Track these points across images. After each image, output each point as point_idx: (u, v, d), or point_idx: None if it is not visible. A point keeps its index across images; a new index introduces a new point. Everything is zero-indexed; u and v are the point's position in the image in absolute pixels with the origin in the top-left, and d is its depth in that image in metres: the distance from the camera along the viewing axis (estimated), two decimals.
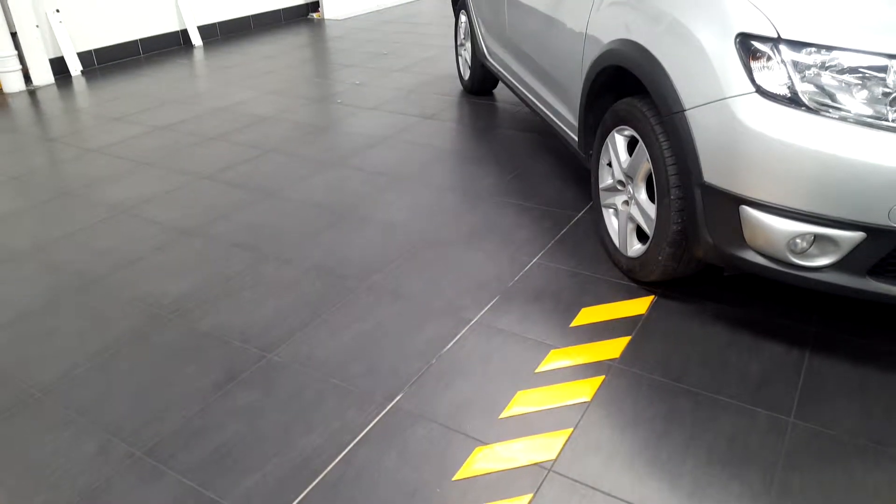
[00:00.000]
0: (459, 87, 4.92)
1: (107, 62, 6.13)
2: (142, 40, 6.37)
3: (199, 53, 6.43)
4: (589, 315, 2.23)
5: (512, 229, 2.82)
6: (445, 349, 2.09)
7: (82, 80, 5.63)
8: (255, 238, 2.85)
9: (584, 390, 1.89)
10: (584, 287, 2.39)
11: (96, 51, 6.02)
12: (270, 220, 3.01)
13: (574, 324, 2.19)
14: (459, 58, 4.90)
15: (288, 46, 6.57)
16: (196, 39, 6.76)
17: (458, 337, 2.15)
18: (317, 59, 6.08)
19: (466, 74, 4.73)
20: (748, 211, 1.78)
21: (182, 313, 2.35)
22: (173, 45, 6.67)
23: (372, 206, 3.11)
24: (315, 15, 7.97)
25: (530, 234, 2.78)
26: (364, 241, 2.78)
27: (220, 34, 7.10)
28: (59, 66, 5.70)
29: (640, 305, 2.26)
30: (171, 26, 6.60)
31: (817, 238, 1.72)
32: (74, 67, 5.79)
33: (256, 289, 2.48)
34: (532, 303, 2.31)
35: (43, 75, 5.54)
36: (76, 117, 4.68)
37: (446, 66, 5.44)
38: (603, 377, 1.94)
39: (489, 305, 2.31)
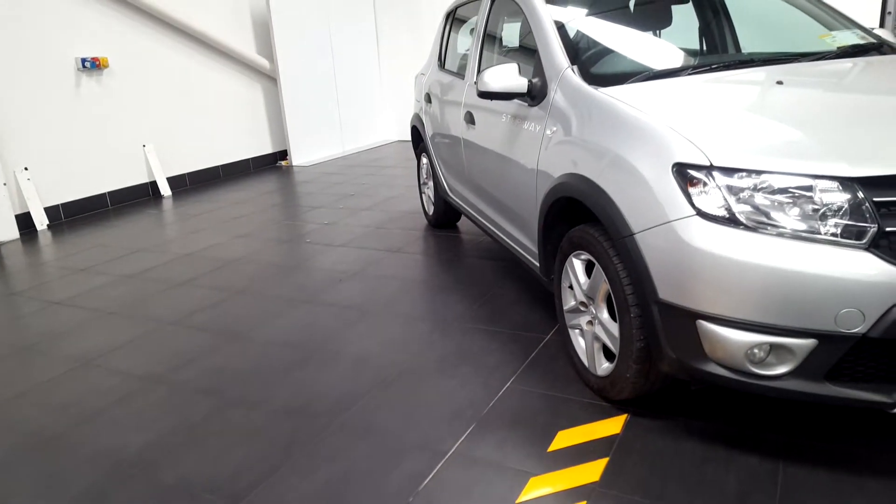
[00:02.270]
0: (424, 222, 5.11)
1: (74, 215, 6.24)
2: (110, 193, 6.54)
3: (167, 203, 6.60)
4: (566, 438, 2.21)
5: (483, 355, 2.84)
6: (422, 486, 2.03)
7: (48, 234, 5.69)
8: (221, 382, 2.81)
9: None
10: (559, 409, 2.38)
11: (63, 205, 6.14)
12: (237, 363, 2.98)
13: (551, 448, 2.16)
14: (423, 195, 5.13)
15: (256, 193, 6.80)
16: (165, 190, 6.96)
17: (434, 471, 2.10)
18: (285, 203, 6.29)
19: (430, 210, 4.94)
20: (705, 325, 1.85)
21: (145, 466, 2.25)
22: (142, 196, 6.85)
23: (342, 341, 3.12)
24: (283, 163, 8.33)
25: (501, 358, 2.80)
26: (334, 378, 2.76)
27: (190, 184, 7.33)
28: (25, 221, 5.79)
29: (614, 425, 2.26)
30: (140, 178, 6.82)
31: (773, 347, 1.78)
32: (41, 222, 5.87)
33: (223, 435, 2.41)
34: (508, 429, 2.29)
35: (8, 231, 5.60)
36: (40, 270, 4.68)
37: (411, 204, 5.68)
38: (584, 503, 1.89)
39: (465, 435, 2.27)
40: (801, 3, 3.11)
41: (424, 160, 4.93)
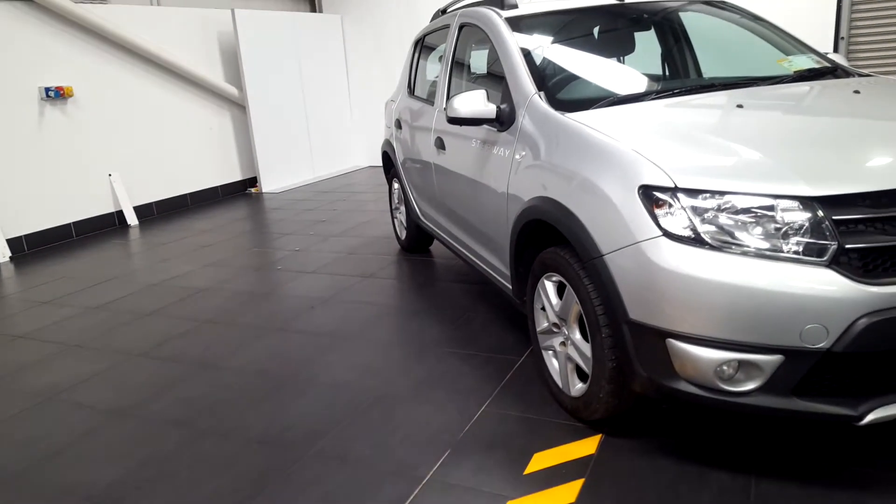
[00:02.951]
0: (397, 246, 5.12)
1: (38, 246, 6.10)
2: (75, 223, 6.42)
3: (134, 233, 6.50)
4: (541, 460, 2.21)
5: (458, 379, 2.84)
6: None
7: (11, 267, 5.55)
8: (192, 413, 2.76)
9: None
10: (534, 431, 2.39)
11: (27, 236, 6.00)
12: (208, 393, 2.93)
13: (528, 471, 2.16)
14: (395, 220, 5.14)
15: (226, 220, 6.74)
16: (132, 219, 6.86)
17: (411, 498, 2.08)
18: (255, 231, 6.25)
19: (403, 235, 4.95)
20: (674, 343, 1.88)
21: (114, 502, 2.19)
22: (108, 226, 6.74)
23: (315, 368, 3.09)
24: (253, 190, 8.29)
25: (476, 382, 2.80)
26: (308, 406, 2.73)
27: (157, 213, 7.24)
28: None
29: (589, 445, 2.27)
30: (106, 208, 6.71)
31: (741, 364, 1.82)
32: (3, 253, 5.73)
33: (194, 468, 2.35)
34: (484, 453, 2.28)
35: None
36: (2, 303, 4.56)
37: (383, 229, 5.68)
38: None
39: (441, 460, 2.26)
40: (759, 29, 3.23)
41: (396, 185, 4.95)
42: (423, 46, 4.49)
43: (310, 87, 8.69)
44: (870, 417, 1.77)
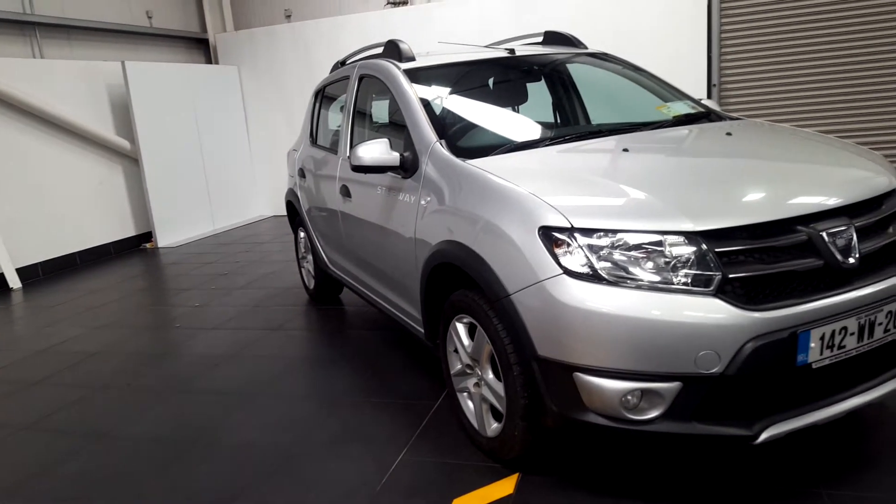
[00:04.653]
0: (305, 297, 5.02)
1: None
2: None
3: (17, 297, 6.02)
4: None
5: (373, 429, 2.79)
6: None
7: None
8: (85, 489, 2.54)
9: None
10: (452, 476, 2.37)
11: None
12: (102, 467, 2.72)
13: None
14: (302, 269, 5.05)
15: (119, 278, 6.38)
16: (14, 282, 6.36)
17: None
18: (152, 288, 5.94)
19: (311, 284, 4.86)
20: (581, 377, 1.95)
21: None
22: None
23: (220, 430, 2.94)
24: (148, 245, 7.91)
25: (392, 430, 2.76)
26: (214, 471, 2.59)
27: (43, 274, 6.75)
28: None
29: (507, 485, 2.28)
30: None
31: (644, 392, 1.90)
32: None
33: None
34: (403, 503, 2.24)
35: None
36: None
37: (290, 279, 5.56)
38: None
39: None
40: (639, 79, 3.48)
41: (302, 234, 4.88)
42: (324, 96, 4.52)
43: (207, 138, 8.49)
44: (764, 436, 1.89)
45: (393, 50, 3.39)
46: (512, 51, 3.44)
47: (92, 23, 7.43)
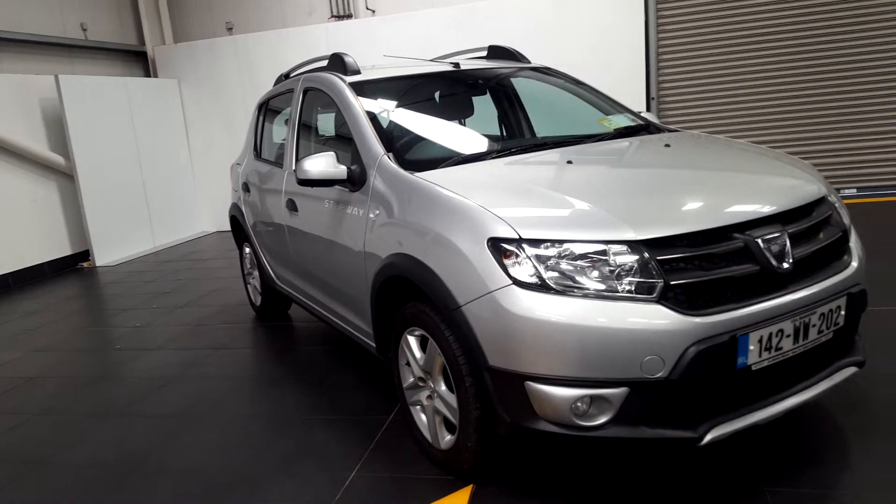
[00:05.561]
0: (252, 313, 4.91)
1: None
2: None
3: None
4: None
5: (325, 446, 2.75)
6: None
7: None
8: None
9: None
10: (407, 490, 2.36)
11: None
12: (41, 495, 2.59)
13: None
14: (248, 286, 4.95)
15: (56, 299, 6.11)
16: None
17: None
18: (90, 308, 5.72)
19: (258, 300, 4.77)
20: (532, 385, 1.97)
21: None
22: None
23: (165, 454, 2.84)
24: (85, 264, 7.60)
25: (345, 447, 2.72)
26: (159, 498, 2.50)
27: None
28: None
29: (461, 497, 2.28)
30: None
31: (593, 399, 1.94)
32: None
33: None
34: None
35: None
36: None
37: (236, 296, 5.43)
38: None
39: None
40: (581, 92, 3.57)
41: (247, 249, 4.79)
42: (268, 109, 4.46)
43: (147, 153, 8.26)
44: (709, 437, 1.94)
45: (338, 63, 3.38)
46: (457, 65, 3.48)
47: (23, 35, 7.15)
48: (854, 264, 2.28)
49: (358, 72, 3.30)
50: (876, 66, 6.84)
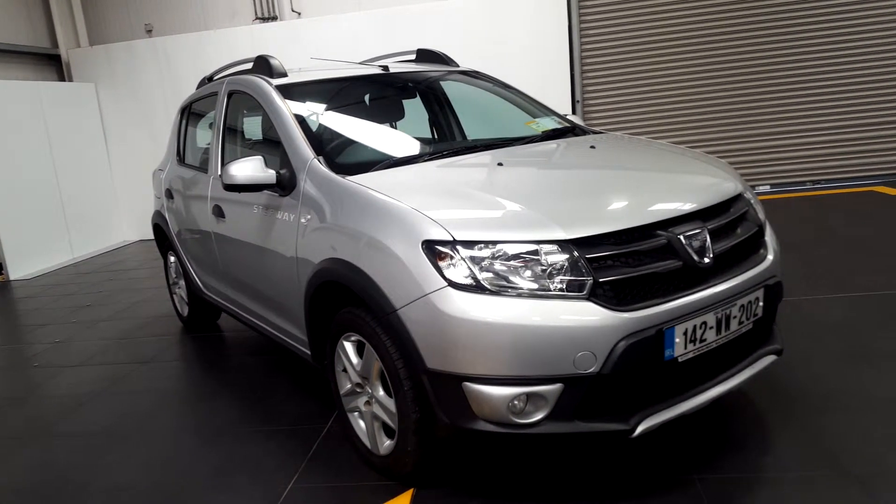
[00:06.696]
0: (179, 324, 4.74)
1: None
2: None
3: None
4: None
5: (260, 458, 2.68)
6: None
7: None
8: None
9: None
10: (347, 499, 2.33)
11: None
12: None
13: None
14: (175, 296, 4.77)
15: None
16: None
17: None
18: (4, 324, 5.38)
19: (185, 311, 4.60)
20: (469, 386, 1.99)
21: None
22: None
23: (90, 474, 2.70)
24: None
25: (281, 458, 2.66)
26: None
27: None
28: None
29: (402, 502, 2.27)
30: None
31: (529, 396, 1.97)
32: None
33: None
34: None
35: None
36: None
37: (161, 307, 5.22)
38: None
39: None
40: (509, 96, 3.62)
41: (172, 258, 4.62)
42: (191, 113, 4.32)
43: (62, 160, 7.84)
44: (640, 429, 2.00)
45: (263, 65, 3.31)
46: (386, 67, 3.47)
47: None
48: (770, 257, 2.40)
49: (284, 74, 3.24)
50: (786, 68, 7.27)
